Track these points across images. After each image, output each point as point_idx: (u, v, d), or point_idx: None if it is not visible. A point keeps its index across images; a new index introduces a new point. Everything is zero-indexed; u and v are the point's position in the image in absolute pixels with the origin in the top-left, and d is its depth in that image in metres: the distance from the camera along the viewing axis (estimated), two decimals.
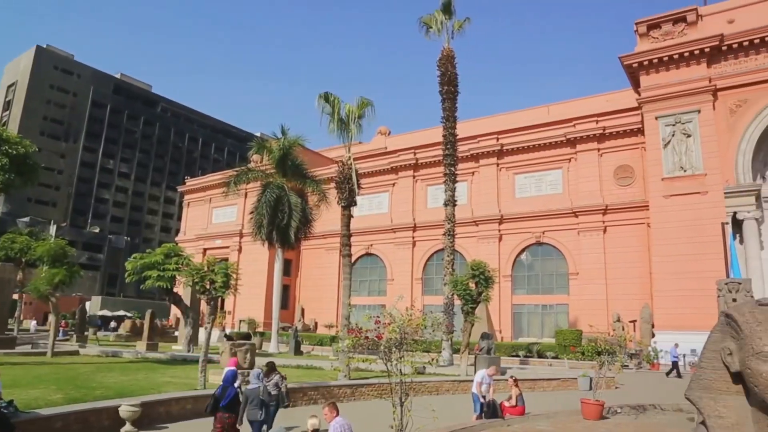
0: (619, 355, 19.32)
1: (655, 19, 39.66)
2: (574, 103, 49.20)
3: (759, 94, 36.12)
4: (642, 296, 38.90)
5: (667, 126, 37.96)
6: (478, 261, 27.10)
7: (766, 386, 2.95)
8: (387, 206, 55.31)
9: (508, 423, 14.12)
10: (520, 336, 44.99)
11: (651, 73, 39.35)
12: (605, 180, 43.79)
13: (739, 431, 3.21)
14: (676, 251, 35.46)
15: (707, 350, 3.40)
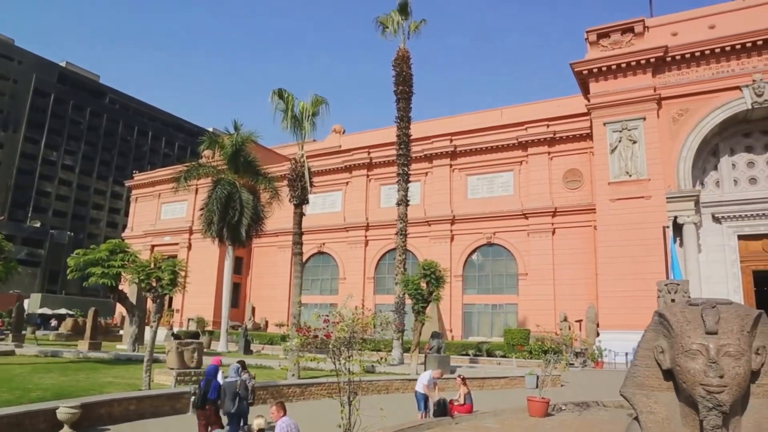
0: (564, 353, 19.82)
1: (604, 29, 40.80)
2: (527, 107, 50.22)
3: (699, 105, 37.64)
4: (588, 296, 40.00)
5: (614, 132, 39.12)
6: (429, 261, 27.33)
7: (693, 382, 3.07)
8: (340, 205, 55.19)
9: (456, 421, 14.26)
10: (470, 335, 45.61)
11: (600, 81, 40.46)
12: (555, 183, 44.89)
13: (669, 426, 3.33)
14: (621, 253, 36.60)
15: (641, 349, 3.52)
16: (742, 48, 36.92)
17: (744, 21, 37.11)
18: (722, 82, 37.30)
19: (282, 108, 26.01)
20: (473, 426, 13.93)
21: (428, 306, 28.15)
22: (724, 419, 3.10)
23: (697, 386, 3.08)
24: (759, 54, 36.73)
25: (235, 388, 11.08)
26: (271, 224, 48.35)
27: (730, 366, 3.03)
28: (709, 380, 3.03)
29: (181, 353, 18.27)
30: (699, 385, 3.06)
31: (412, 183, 38.75)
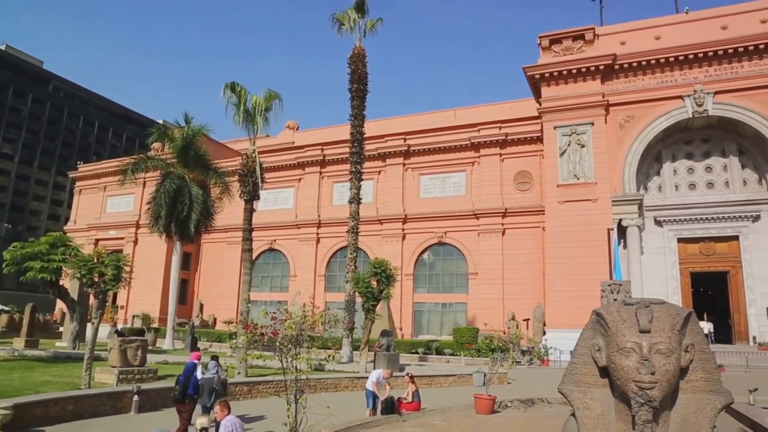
0: (511, 352, 20.22)
1: (557, 35, 41.74)
2: (480, 108, 50.91)
3: (644, 112, 39.00)
4: (536, 296, 40.86)
5: (564, 136, 40.09)
6: (380, 259, 27.41)
7: (626, 379, 3.17)
8: (292, 202, 54.71)
9: (403, 419, 14.36)
10: (420, 333, 45.95)
11: (551, 85, 41.38)
12: (506, 184, 45.67)
13: (603, 421, 3.44)
14: (568, 254, 37.55)
15: (579, 347, 3.61)
16: (684, 59, 38.42)
17: (687, 34, 38.64)
18: (666, 91, 38.73)
19: (234, 102, 25.58)
20: (420, 423, 14.06)
21: (378, 304, 28.22)
22: (654, 414, 3.21)
23: (630, 383, 3.18)
24: (700, 66, 38.31)
25: (213, 383, 11.78)
26: (221, 220, 47.56)
27: (661, 363, 3.14)
28: (642, 377, 3.14)
29: (124, 351, 17.77)
30: (632, 381, 3.17)
31: (365, 181, 38.78)
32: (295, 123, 61.78)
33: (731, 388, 13.66)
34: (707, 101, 37.45)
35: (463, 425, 13.98)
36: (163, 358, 26.02)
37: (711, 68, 38.17)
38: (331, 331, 10.91)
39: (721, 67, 38.02)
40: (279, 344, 9.07)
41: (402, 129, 50.49)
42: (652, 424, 3.24)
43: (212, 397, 11.47)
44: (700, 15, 39.97)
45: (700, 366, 3.39)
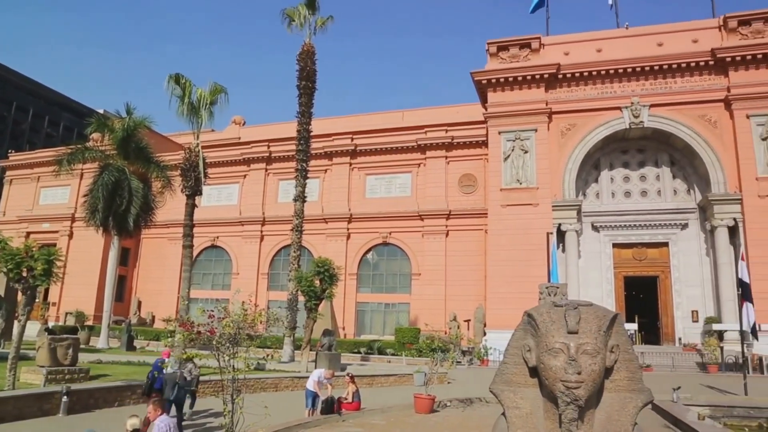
0: (452, 352, 20.50)
1: (504, 42, 42.61)
2: (427, 111, 51.42)
3: (585, 121, 40.32)
4: (477, 297, 41.59)
5: (508, 141, 40.97)
6: (323, 258, 27.29)
7: (554, 379, 3.29)
8: (236, 198, 53.82)
9: (343, 418, 14.37)
10: (363, 333, 46.05)
11: (497, 91, 42.21)
12: (450, 186, 46.34)
13: (532, 420, 3.55)
14: (509, 257, 38.39)
15: (510, 347, 3.71)
16: (623, 72, 39.96)
17: (626, 48, 40.22)
18: (605, 102, 40.16)
19: (178, 94, 24.99)
20: (360, 423, 14.10)
21: (321, 303, 28.09)
22: (579, 412, 3.34)
23: (557, 382, 3.29)
24: (637, 79, 39.92)
25: (175, 378, 12.42)
26: (162, 215, 46.25)
27: (587, 363, 3.27)
28: (568, 377, 3.26)
29: (53, 350, 17.05)
30: (559, 381, 3.28)
31: (311, 179, 38.52)
32: (241, 118, 60.72)
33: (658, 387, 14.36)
34: (643, 113, 39.04)
35: (402, 424, 14.09)
36: (97, 358, 25.09)
37: (647, 82, 39.83)
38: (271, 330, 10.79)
39: (656, 81, 39.73)
40: (216, 343, 8.91)
41: (349, 128, 50.49)
42: (577, 422, 3.37)
43: (174, 391, 12.24)
44: (638, 31, 41.64)
45: (624, 366, 3.54)
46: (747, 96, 37.52)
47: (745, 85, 37.78)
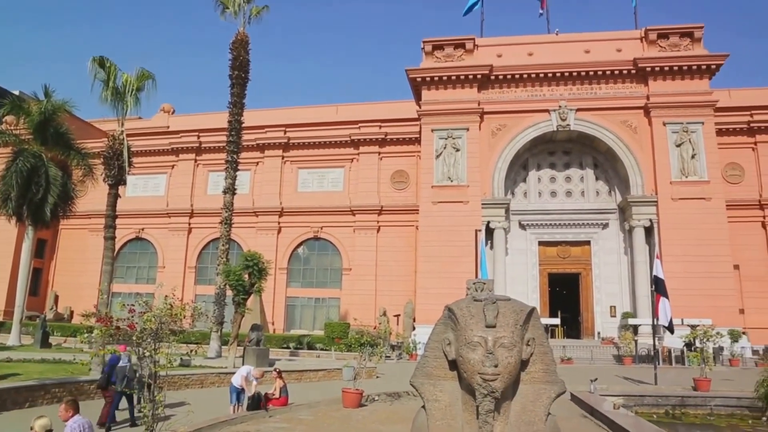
0: (380, 346, 20.64)
1: (439, 41, 43.15)
2: (361, 106, 51.30)
3: (514, 122, 41.47)
4: (407, 293, 42.04)
5: (440, 139, 41.59)
6: (252, 252, 26.84)
7: (472, 372, 3.37)
8: (164, 189, 52.04)
9: (270, 414, 14.17)
10: (292, 328, 45.66)
11: (431, 89, 42.73)
12: (383, 182, 46.60)
13: (451, 411, 3.62)
14: (439, 253, 39.02)
15: (431, 341, 3.77)
16: (552, 76, 41.36)
17: (556, 54, 41.63)
18: (535, 104, 41.44)
19: (102, 78, 23.84)
20: (287, 418, 13.96)
21: (250, 298, 27.63)
22: (496, 404, 3.43)
23: (475, 375, 3.37)
24: (565, 84, 41.43)
25: (125, 371, 12.76)
26: (83, 205, 44.00)
27: (504, 356, 3.37)
28: (486, 369, 3.34)
29: None
30: (477, 373, 3.36)
31: (242, 172, 37.84)
32: (170, 106, 58.57)
33: (578, 379, 15.05)
34: (570, 117, 40.57)
35: (330, 419, 14.06)
36: (6, 356, 23.61)
37: (574, 87, 41.40)
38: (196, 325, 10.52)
39: (583, 86, 41.36)
40: (136, 338, 8.58)
41: (283, 121, 49.73)
42: (494, 413, 3.46)
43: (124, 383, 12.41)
44: (567, 38, 43.20)
45: (539, 359, 3.67)
46: (664, 105, 39.69)
47: (662, 95, 39.94)
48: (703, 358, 21.46)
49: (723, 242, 37.64)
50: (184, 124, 52.94)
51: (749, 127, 42.94)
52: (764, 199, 41.75)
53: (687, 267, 36.39)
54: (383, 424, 13.44)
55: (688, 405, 17.24)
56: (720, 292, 36.47)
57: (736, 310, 37.54)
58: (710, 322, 30.11)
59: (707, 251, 36.96)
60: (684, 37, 40.71)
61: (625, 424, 11.93)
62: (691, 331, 24.25)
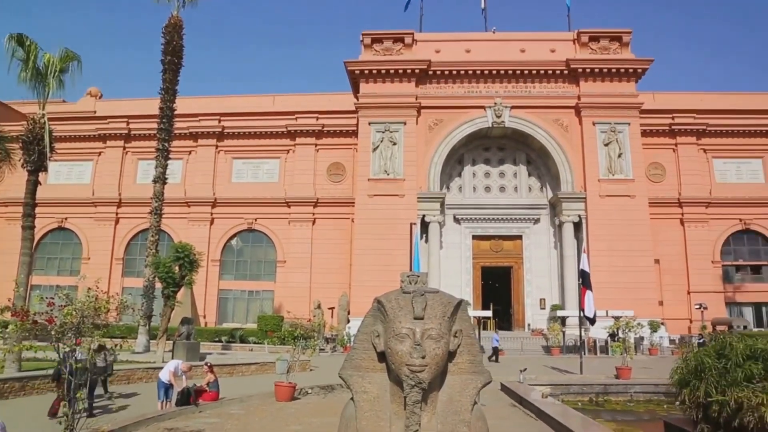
0: (314, 339, 20.53)
1: (379, 35, 43.15)
2: (299, 97, 50.61)
3: (451, 117, 42.06)
4: (342, 285, 41.97)
5: (378, 132, 41.68)
6: (183, 243, 26.11)
7: (400, 363, 3.38)
8: (89, 177, 49.71)
9: (200, 409, 13.87)
10: (225, 321, 44.73)
11: (370, 82, 42.72)
12: (319, 174, 46.25)
13: (379, 403, 3.63)
14: (374, 246, 39.14)
15: (360, 333, 3.76)
16: (489, 74, 42.19)
17: (492, 51, 42.49)
18: (471, 101, 42.17)
19: (21, 57, 22.34)
20: (218, 413, 13.70)
21: (180, 291, 26.88)
22: (423, 395, 3.46)
23: (403, 366, 3.38)
24: (501, 81, 42.36)
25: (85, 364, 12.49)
26: None
27: (431, 348, 3.40)
28: (413, 360, 3.36)
29: None
30: (405, 365, 3.38)
31: (174, 161, 36.69)
32: (98, 90, 55.93)
33: (508, 369, 15.47)
34: (505, 114, 41.50)
35: (262, 413, 13.89)
36: None
37: (510, 85, 42.37)
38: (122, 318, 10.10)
39: (518, 85, 42.39)
40: (55, 333, 8.14)
41: (217, 109, 48.41)
42: (421, 404, 3.49)
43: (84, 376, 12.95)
44: (504, 36, 44.14)
45: (466, 350, 3.72)
46: (593, 105, 41.25)
47: (592, 95, 41.49)
48: (625, 347, 22.55)
49: (645, 238, 39.59)
50: (112, 110, 50.67)
51: (671, 129, 45.22)
52: (683, 198, 44.10)
53: (612, 261, 38.08)
54: (316, 416, 13.38)
55: (610, 392, 18.07)
56: (641, 285, 38.38)
57: (655, 302, 39.65)
58: (632, 313, 31.63)
59: (631, 246, 38.77)
60: (613, 40, 42.40)
61: (552, 412, 12.34)
62: (615, 322, 25.33)
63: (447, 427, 3.50)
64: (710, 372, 8.80)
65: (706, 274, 43.05)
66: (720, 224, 44.19)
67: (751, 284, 44.08)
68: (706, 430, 8.71)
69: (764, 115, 45.32)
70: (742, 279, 44.47)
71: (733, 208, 44.23)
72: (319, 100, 48.76)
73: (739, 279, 44.46)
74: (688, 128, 45.17)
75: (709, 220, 44.03)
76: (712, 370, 8.80)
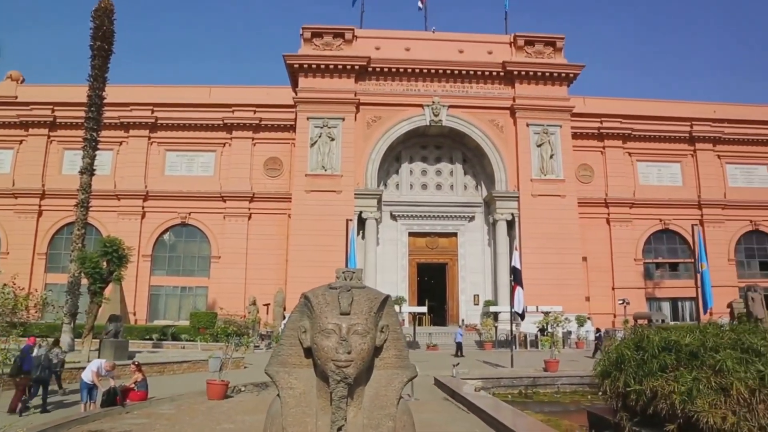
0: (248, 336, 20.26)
1: (319, 29, 42.86)
2: (236, 89, 49.53)
3: (389, 114, 42.33)
4: (278, 281, 41.53)
5: (316, 127, 41.43)
6: (112, 237, 25.20)
7: (326, 359, 3.42)
8: (9, 166, 46.97)
9: (127, 410, 13.46)
10: (156, 319, 43.42)
11: (309, 77, 42.40)
12: (256, 169, 45.55)
13: (305, 399, 3.65)
14: (310, 242, 38.93)
15: (287, 329, 3.77)
16: (428, 73, 42.71)
17: (432, 51, 43.06)
18: (410, 99, 42.57)
19: None
20: (147, 413, 13.34)
21: (108, 287, 25.92)
22: (350, 390, 3.51)
23: (329, 362, 3.42)
24: (439, 81, 42.96)
25: (40, 360, 13.60)
26: None
27: (357, 343, 3.44)
28: (339, 356, 3.40)
29: None
30: (330, 360, 3.41)
31: (103, 151, 35.32)
32: (19, 74, 52.87)
33: (441, 364, 15.78)
34: (442, 113, 42.11)
35: (193, 412, 13.60)
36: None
37: (448, 84, 43.03)
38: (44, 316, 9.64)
39: (456, 84, 43.12)
40: None
41: (151, 99, 46.71)
42: (347, 399, 3.53)
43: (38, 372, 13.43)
44: (443, 36, 44.77)
45: (393, 345, 3.78)
46: (528, 107, 42.50)
47: (526, 97, 42.72)
48: (553, 341, 23.40)
49: (574, 236, 41.18)
50: (35, 95, 48.02)
51: (599, 133, 47.17)
52: (609, 198, 46.11)
53: (543, 258, 39.36)
54: (248, 414, 13.22)
55: (539, 385, 18.72)
56: (570, 281, 39.92)
57: (583, 297, 41.32)
58: (561, 309, 32.89)
59: (560, 244, 40.22)
60: (548, 45, 43.80)
61: (483, 405, 12.67)
62: (544, 317, 26.21)
63: (373, 421, 3.55)
64: (629, 363, 9.25)
65: (629, 271, 45.23)
66: (642, 224, 46.51)
67: (669, 280, 46.67)
68: (625, 417, 9.15)
69: (683, 122, 48.00)
70: (661, 276, 46.99)
71: (654, 209, 46.67)
72: (257, 93, 47.94)
73: (659, 276, 46.96)
74: (614, 132, 47.27)
75: (633, 220, 46.27)
76: (631, 361, 9.26)
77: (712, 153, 48.59)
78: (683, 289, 44.42)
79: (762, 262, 48.35)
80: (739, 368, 7.83)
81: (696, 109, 49.87)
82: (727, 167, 48.97)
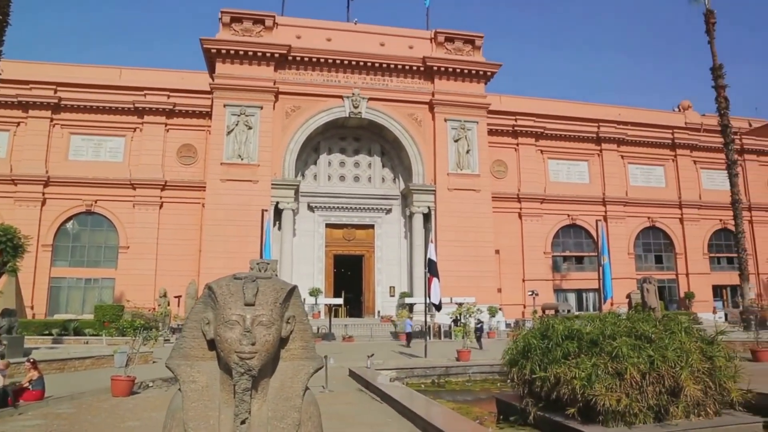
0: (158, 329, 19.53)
1: (238, 14, 41.69)
2: (148, 72, 47.27)
3: (308, 105, 41.93)
4: (190, 273, 40.18)
5: (233, 115, 40.38)
6: (6, 225, 23.41)
7: (229, 350, 3.33)
8: None
9: (20, 411, 12.62)
10: (57, 312, 40.85)
11: (227, 63, 41.22)
12: (168, 156, 43.71)
13: (208, 392, 3.54)
14: (225, 232, 38.01)
15: (190, 320, 3.64)
16: (348, 64, 42.62)
17: (353, 42, 43.02)
18: (330, 89, 42.34)
19: None
20: (43, 414, 12.58)
21: (2, 279, 24.16)
22: (254, 382, 3.44)
23: (232, 354, 3.33)
24: (360, 73, 42.99)
25: None
26: None
27: (262, 334, 3.37)
28: (243, 348, 3.32)
29: None
30: (234, 352, 3.33)
31: None
32: None
33: (357, 355, 15.86)
34: (362, 105, 42.19)
35: (95, 410, 12.95)
36: None
37: (368, 77, 43.13)
38: None
39: (376, 77, 43.29)
40: None
41: (54, 78, 43.64)
42: (252, 391, 3.45)
43: None
44: (365, 28, 44.80)
45: (299, 336, 3.74)
46: (446, 102, 43.35)
47: (445, 93, 43.56)
48: (465, 331, 24.05)
49: (488, 230, 42.51)
50: None
51: (514, 130, 48.84)
52: (521, 194, 47.90)
53: (458, 251, 40.39)
54: (156, 410, 12.73)
55: (451, 374, 19.18)
56: (483, 273, 41.22)
57: (495, 289, 42.78)
58: (474, 300, 33.90)
59: (475, 237, 41.42)
60: (467, 43, 44.82)
61: (397, 395, 12.83)
62: (457, 308, 26.89)
63: (278, 413, 3.49)
64: (535, 352, 9.70)
65: (539, 264, 47.26)
66: (551, 219, 48.67)
67: (575, 273, 49.19)
68: (530, 403, 9.58)
69: (591, 123, 50.60)
70: (567, 268, 49.45)
71: (563, 205, 48.96)
72: (172, 77, 46.02)
73: (566, 268, 49.39)
74: (528, 130, 49.10)
75: (543, 215, 48.33)
76: (536, 350, 9.70)
77: (617, 153, 51.54)
78: (588, 281, 46.94)
79: (657, 255, 51.92)
80: (632, 354, 8.41)
81: (603, 111, 52.73)
82: (629, 167, 52.13)
